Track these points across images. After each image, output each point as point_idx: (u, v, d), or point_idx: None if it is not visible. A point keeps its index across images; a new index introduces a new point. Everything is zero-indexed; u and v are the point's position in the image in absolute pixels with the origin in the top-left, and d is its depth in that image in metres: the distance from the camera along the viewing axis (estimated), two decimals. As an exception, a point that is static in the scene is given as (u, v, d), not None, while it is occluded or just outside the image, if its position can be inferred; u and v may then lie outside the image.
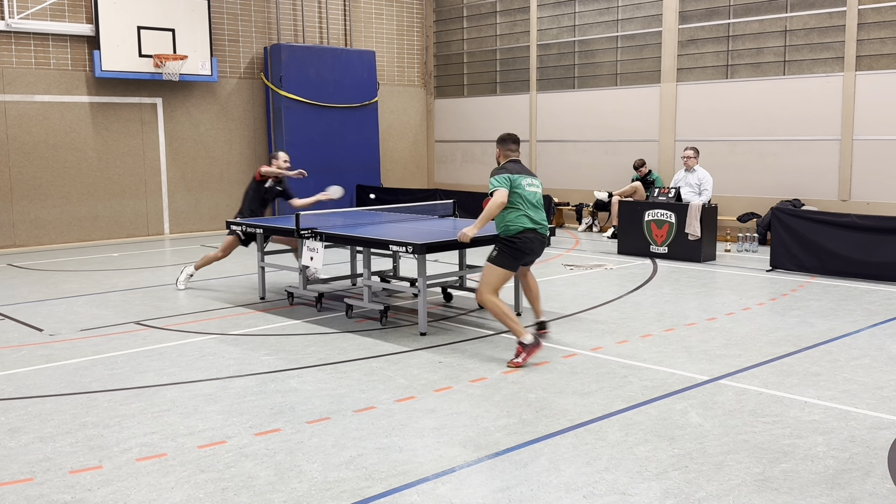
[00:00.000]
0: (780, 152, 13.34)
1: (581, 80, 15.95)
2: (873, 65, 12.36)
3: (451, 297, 8.89)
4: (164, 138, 15.07)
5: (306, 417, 5.14)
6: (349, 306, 8.04)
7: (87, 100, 14.12)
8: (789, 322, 7.67)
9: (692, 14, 14.23)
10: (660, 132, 14.76)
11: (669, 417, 5.08)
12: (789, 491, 4.04)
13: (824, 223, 10.15)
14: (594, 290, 9.32)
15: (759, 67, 13.51)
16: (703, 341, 6.99)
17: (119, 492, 4.10)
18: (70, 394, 5.71)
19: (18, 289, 9.86)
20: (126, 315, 8.28)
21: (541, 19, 16.46)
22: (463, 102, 18.17)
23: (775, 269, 10.47)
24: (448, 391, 5.65)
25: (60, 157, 13.92)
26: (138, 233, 14.90)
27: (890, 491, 4.02)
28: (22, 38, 13.41)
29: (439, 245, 7.23)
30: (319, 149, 16.28)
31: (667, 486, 4.10)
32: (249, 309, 8.55)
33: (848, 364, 6.26)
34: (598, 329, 7.44)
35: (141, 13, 14.16)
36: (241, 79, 15.98)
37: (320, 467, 4.37)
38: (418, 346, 6.92)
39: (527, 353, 6.19)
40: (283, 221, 9.14)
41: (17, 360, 6.63)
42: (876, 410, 5.19)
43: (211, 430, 4.93)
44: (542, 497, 3.99)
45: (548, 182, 16.44)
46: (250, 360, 6.50)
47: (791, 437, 4.74)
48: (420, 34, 18.67)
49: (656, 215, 11.69)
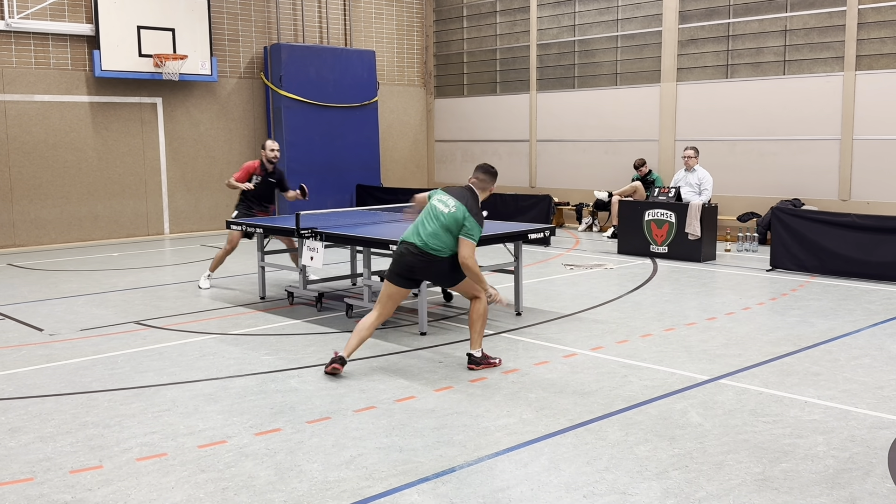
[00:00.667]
0: (780, 152, 13.34)
1: (581, 79, 15.95)
2: (873, 64, 12.36)
3: (451, 296, 8.89)
4: (164, 138, 15.07)
5: (306, 417, 5.14)
6: (349, 306, 8.04)
7: (87, 99, 14.12)
8: (789, 322, 7.67)
9: (692, 14, 14.23)
10: (660, 132, 14.76)
11: (670, 417, 5.08)
12: (789, 490, 4.04)
13: (824, 223, 10.15)
14: (594, 289, 9.32)
15: (759, 67, 13.51)
16: (704, 341, 6.99)
17: (119, 492, 4.10)
18: (70, 393, 5.71)
19: (18, 289, 9.86)
20: (126, 315, 8.28)
21: (541, 19, 16.45)
22: (463, 102, 18.16)
23: (775, 268, 10.47)
24: (448, 391, 5.65)
25: (60, 156, 13.92)
26: (138, 232, 14.90)
27: (890, 490, 4.02)
28: (22, 37, 13.40)
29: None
30: (319, 149, 16.28)
31: (667, 485, 4.10)
32: (249, 309, 8.55)
33: (848, 364, 6.26)
34: (599, 329, 7.44)
35: (141, 13, 14.15)
36: (241, 78, 15.97)
37: (320, 467, 4.37)
38: (418, 346, 6.92)
39: None
40: (283, 221, 9.14)
41: (17, 359, 6.63)
42: (876, 410, 5.19)
43: (211, 430, 4.93)
44: (542, 497, 3.99)
45: (548, 182, 16.47)
46: (250, 360, 6.50)
47: (791, 436, 4.74)
48: (420, 34, 18.67)
49: (656, 215, 11.69)
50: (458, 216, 6.02)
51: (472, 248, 6.03)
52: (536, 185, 16.72)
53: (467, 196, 6.15)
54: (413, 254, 6.10)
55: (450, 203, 6.10)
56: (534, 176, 16.81)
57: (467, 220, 6.01)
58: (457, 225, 6.03)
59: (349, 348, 6.08)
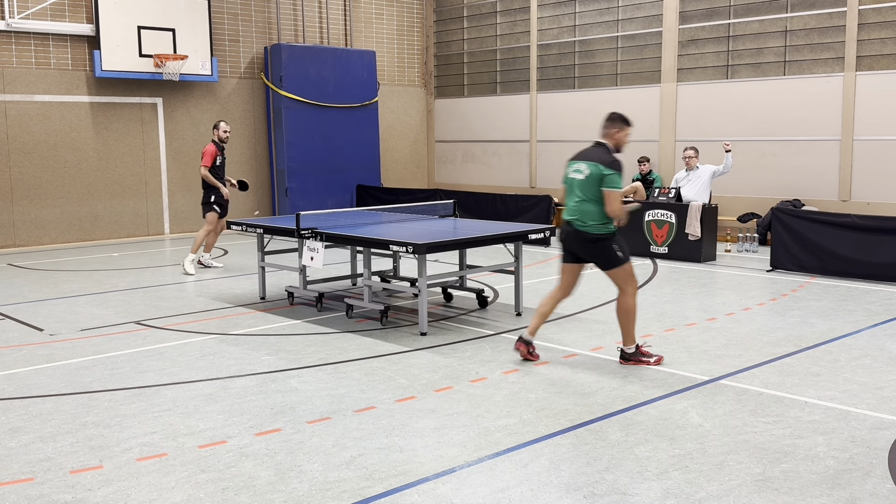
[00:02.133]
0: (781, 152, 13.34)
1: (581, 80, 15.95)
2: (873, 65, 12.36)
3: (452, 297, 8.89)
4: (165, 138, 15.07)
5: (307, 417, 5.14)
6: (349, 306, 8.04)
7: (88, 100, 14.12)
8: (789, 322, 7.67)
9: (692, 14, 14.23)
10: (660, 132, 14.76)
11: (670, 417, 5.08)
12: (790, 491, 4.04)
13: (824, 223, 10.15)
14: (594, 290, 9.32)
15: (760, 68, 13.51)
16: (704, 341, 6.99)
17: (119, 492, 4.10)
18: (70, 393, 5.71)
19: (19, 288, 9.86)
20: (126, 315, 8.28)
21: (541, 19, 16.45)
22: (463, 102, 18.17)
23: (775, 269, 10.47)
24: (448, 391, 5.65)
25: (60, 156, 13.92)
26: (138, 233, 14.90)
27: (890, 491, 4.02)
28: (22, 37, 13.41)
29: (439, 245, 7.24)
30: (320, 149, 16.28)
31: (667, 486, 4.10)
32: (249, 309, 8.55)
33: (848, 364, 6.26)
34: (599, 329, 7.44)
35: (141, 13, 14.16)
36: (242, 79, 15.98)
37: (321, 467, 4.37)
38: (419, 346, 6.92)
39: None
40: (283, 221, 9.14)
41: (17, 359, 6.63)
42: (876, 411, 5.19)
43: (211, 430, 4.94)
44: (542, 497, 3.99)
45: (548, 182, 16.46)
46: (251, 360, 6.50)
47: (791, 437, 4.74)
48: (420, 34, 18.67)
49: (656, 215, 11.69)
50: (595, 175, 6.01)
51: (618, 198, 5.99)
52: (536, 186, 16.71)
53: (597, 152, 6.15)
54: (567, 232, 6.20)
55: (583, 169, 6.11)
56: (534, 176, 16.81)
57: (604, 173, 5.98)
58: (597, 185, 6.00)
59: (532, 327, 6.33)
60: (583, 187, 6.10)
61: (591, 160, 6.12)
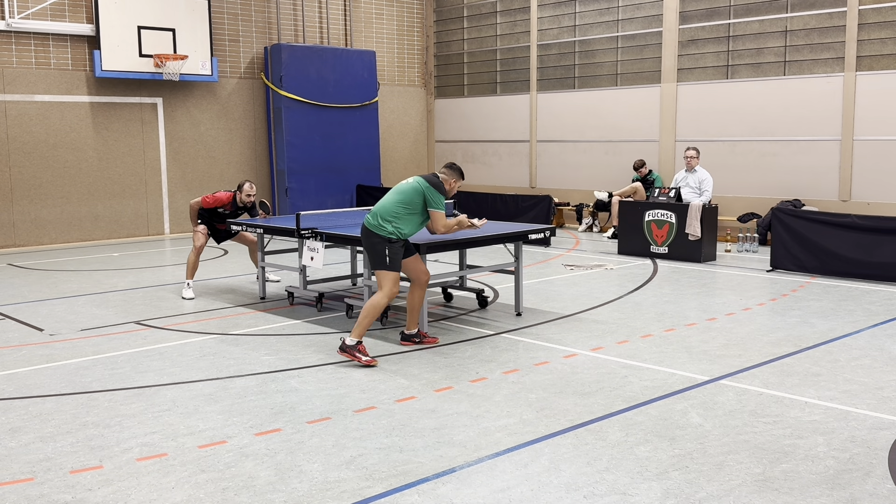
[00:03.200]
0: (781, 152, 13.34)
1: (581, 80, 15.95)
2: (874, 65, 12.36)
3: (452, 297, 8.89)
4: (165, 138, 15.07)
5: (307, 417, 5.14)
6: (349, 306, 8.04)
7: (88, 100, 14.12)
8: (790, 322, 7.67)
9: (692, 14, 14.23)
10: (660, 132, 14.76)
11: (670, 418, 5.08)
12: (790, 491, 4.04)
13: (824, 223, 10.15)
14: (594, 290, 9.32)
15: (760, 68, 13.51)
16: (704, 341, 6.99)
17: (119, 492, 4.10)
18: (70, 394, 5.71)
19: (18, 289, 9.86)
20: (126, 315, 8.28)
21: (541, 19, 16.46)
22: (463, 102, 18.17)
23: (775, 269, 10.47)
24: (448, 391, 5.65)
25: (60, 156, 13.92)
26: (138, 233, 14.90)
27: (890, 491, 4.02)
28: (22, 37, 13.41)
29: (439, 245, 7.23)
30: (319, 149, 16.28)
31: (667, 486, 4.10)
32: (249, 309, 8.55)
33: (848, 364, 6.26)
34: (599, 329, 7.44)
35: (141, 13, 14.16)
36: (242, 79, 15.98)
37: (321, 467, 4.37)
38: (419, 346, 6.91)
39: None
40: (282, 221, 9.14)
41: (17, 359, 6.63)
42: (876, 411, 5.19)
43: (211, 430, 4.93)
44: (542, 497, 3.99)
45: (548, 182, 16.47)
46: (250, 360, 6.50)
47: (791, 437, 4.74)
48: (420, 34, 18.67)
49: (656, 215, 11.69)
50: (418, 187, 6.45)
51: (441, 217, 6.51)
52: (537, 186, 16.72)
53: (428, 176, 6.58)
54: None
55: (409, 179, 6.58)
56: (534, 176, 16.81)
57: (427, 189, 6.42)
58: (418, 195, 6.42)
59: None
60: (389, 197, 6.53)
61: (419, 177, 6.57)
